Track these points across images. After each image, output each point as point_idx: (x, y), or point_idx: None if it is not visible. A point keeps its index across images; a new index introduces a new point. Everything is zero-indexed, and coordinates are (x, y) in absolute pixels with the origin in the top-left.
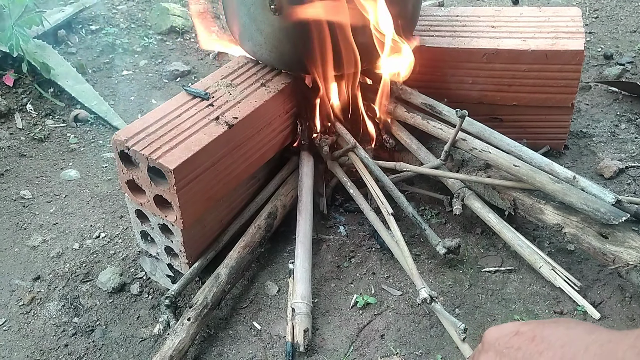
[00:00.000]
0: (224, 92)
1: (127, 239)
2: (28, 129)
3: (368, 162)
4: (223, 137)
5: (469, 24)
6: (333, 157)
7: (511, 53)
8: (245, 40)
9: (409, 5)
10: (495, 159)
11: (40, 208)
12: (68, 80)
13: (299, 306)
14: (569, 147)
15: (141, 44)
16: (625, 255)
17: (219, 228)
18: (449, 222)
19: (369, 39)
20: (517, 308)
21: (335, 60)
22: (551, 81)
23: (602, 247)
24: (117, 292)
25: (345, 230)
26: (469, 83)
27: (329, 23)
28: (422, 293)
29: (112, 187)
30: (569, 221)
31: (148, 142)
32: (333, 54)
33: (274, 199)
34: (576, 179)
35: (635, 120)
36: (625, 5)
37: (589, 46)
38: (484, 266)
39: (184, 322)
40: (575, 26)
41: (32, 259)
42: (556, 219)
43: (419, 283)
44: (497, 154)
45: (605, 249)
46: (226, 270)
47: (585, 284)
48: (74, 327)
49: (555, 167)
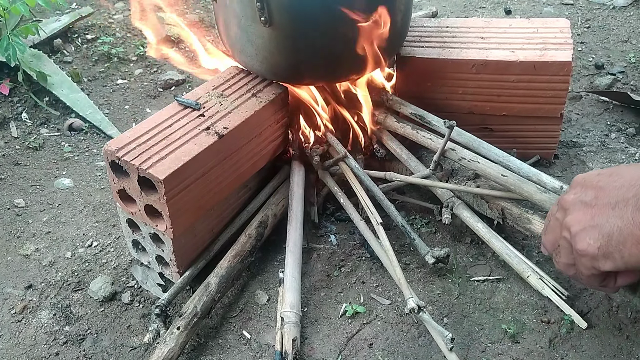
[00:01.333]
0: (215, 103)
1: (119, 247)
2: (23, 137)
3: (358, 171)
4: (213, 147)
5: (459, 35)
6: (324, 167)
7: (500, 64)
8: (236, 51)
9: (398, 17)
10: (484, 169)
11: (34, 217)
12: (63, 89)
13: (288, 315)
14: (559, 157)
15: (136, 53)
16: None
17: (209, 237)
18: (439, 231)
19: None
20: (505, 317)
21: (326, 70)
22: (540, 92)
23: None
24: (108, 300)
25: (336, 239)
26: (459, 93)
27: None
28: (410, 303)
29: (106, 195)
30: None
31: (138, 153)
32: (323, 64)
33: (264, 208)
34: (563, 189)
35: (626, 130)
36: (617, 15)
37: (580, 56)
38: (473, 275)
39: (174, 331)
40: (563, 37)
41: (25, 267)
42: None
43: (407, 293)
44: (486, 164)
45: None
46: (216, 280)
47: (572, 293)
48: (65, 335)
49: (543, 177)
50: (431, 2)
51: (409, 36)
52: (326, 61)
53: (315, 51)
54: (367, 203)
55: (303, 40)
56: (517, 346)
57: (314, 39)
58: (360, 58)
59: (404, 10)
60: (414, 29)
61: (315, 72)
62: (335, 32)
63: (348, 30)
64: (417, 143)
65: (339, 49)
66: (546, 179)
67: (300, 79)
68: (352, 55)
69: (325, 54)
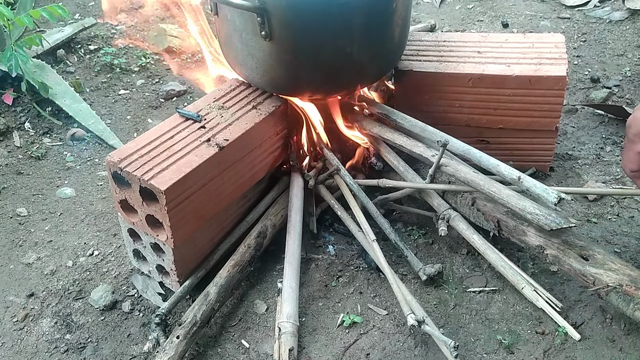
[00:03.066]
0: (215, 115)
1: (119, 257)
2: (26, 147)
3: (352, 186)
4: (214, 158)
5: (456, 49)
6: (318, 182)
7: (496, 78)
8: (237, 64)
9: (395, 31)
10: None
11: (36, 225)
12: (66, 99)
13: (285, 325)
14: (554, 169)
15: (138, 64)
16: (605, 278)
17: (209, 247)
18: (436, 243)
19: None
20: (500, 328)
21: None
22: (535, 105)
23: (582, 269)
24: (109, 309)
25: (334, 250)
26: (456, 106)
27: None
28: (409, 320)
29: (107, 205)
30: (550, 243)
31: (140, 164)
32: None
33: (264, 218)
34: (521, 179)
35: (621, 143)
36: (613, 29)
37: (576, 69)
38: (469, 286)
39: (173, 340)
40: (558, 52)
41: (27, 276)
42: (538, 240)
43: (406, 309)
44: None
45: (585, 270)
46: (216, 289)
47: (567, 305)
48: (66, 344)
49: (501, 169)
50: (430, 16)
51: (407, 50)
52: (325, 74)
53: (315, 65)
54: (361, 220)
55: (303, 54)
56: (512, 357)
57: (314, 53)
58: (358, 71)
59: (402, 25)
60: (411, 43)
61: (314, 85)
62: (335, 46)
63: (347, 45)
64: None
65: (338, 63)
66: (504, 170)
67: (300, 92)
68: (351, 68)
69: (325, 67)
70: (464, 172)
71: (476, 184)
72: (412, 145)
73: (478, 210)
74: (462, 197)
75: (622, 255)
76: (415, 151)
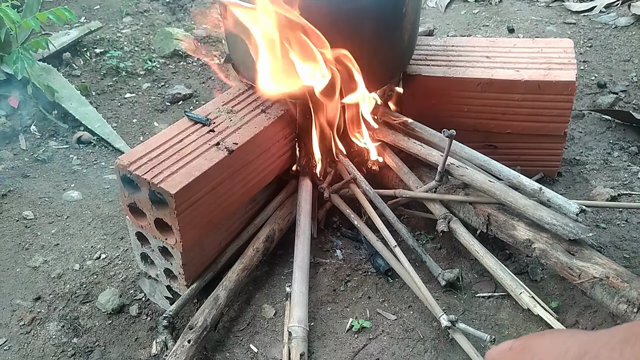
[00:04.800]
0: (224, 118)
1: (127, 260)
2: (32, 150)
3: (370, 194)
4: (223, 162)
5: (464, 54)
6: (333, 191)
7: (504, 83)
8: (245, 69)
9: (405, 36)
10: (471, 175)
11: (42, 229)
12: (72, 103)
13: (296, 330)
14: (562, 175)
15: (144, 67)
16: (592, 270)
17: (217, 251)
18: (444, 247)
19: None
20: (510, 334)
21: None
22: (544, 110)
23: (569, 262)
24: (116, 313)
25: (342, 254)
26: (464, 111)
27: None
28: (443, 321)
29: (114, 208)
30: (539, 237)
31: (150, 167)
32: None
33: (271, 221)
34: (542, 190)
35: (628, 149)
36: (619, 34)
37: (582, 75)
38: (478, 291)
39: (184, 344)
40: (567, 57)
41: (33, 279)
42: (527, 234)
43: (438, 311)
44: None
45: (572, 263)
46: (225, 293)
47: (577, 311)
48: (73, 347)
49: (523, 180)
50: (435, 20)
51: (415, 55)
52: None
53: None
54: (381, 227)
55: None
56: None
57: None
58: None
59: (411, 30)
60: (420, 48)
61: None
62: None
63: (355, 49)
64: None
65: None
66: (525, 182)
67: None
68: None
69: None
70: (480, 181)
71: (492, 193)
72: (427, 153)
73: (470, 204)
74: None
75: (632, 261)
76: (430, 160)
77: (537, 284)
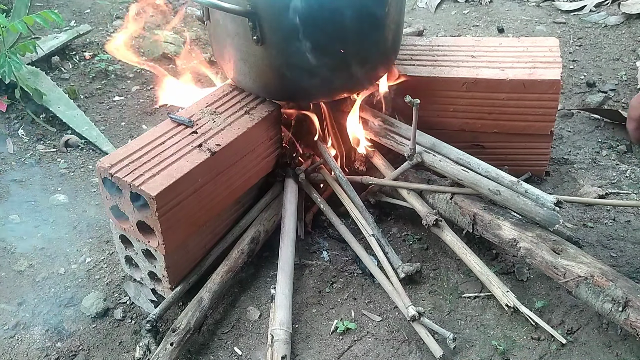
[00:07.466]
0: (208, 120)
1: (112, 263)
2: (19, 153)
3: (341, 179)
4: (205, 164)
5: (450, 54)
6: (308, 178)
7: (490, 82)
8: (230, 69)
9: (389, 36)
10: (444, 166)
11: (28, 232)
12: (60, 106)
13: (278, 333)
14: (550, 174)
15: (133, 70)
16: (577, 269)
17: (202, 253)
18: (431, 248)
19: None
20: (496, 334)
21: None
22: (530, 109)
23: (554, 261)
24: (101, 317)
25: (329, 255)
26: (450, 111)
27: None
28: (411, 310)
29: (100, 211)
30: (524, 236)
31: (131, 169)
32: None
33: (256, 223)
34: (519, 182)
35: (616, 147)
36: (609, 33)
37: (571, 74)
38: (464, 292)
39: (167, 347)
40: (552, 56)
41: (18, 283)
42: (512, 234)
43: (406, 301)
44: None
45: (557, 262)
46: (209, 295)
47: (563, 310)
48: (57, 352)
49: (501, 173)
50: (425, 21)
51: (400, 54)
52: (317, 79)
53: (307, 69)
54: (356, 215)
55: (295, 59)
56: None
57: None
58: (351, 76)
59: (395, 29)
60: (405, 48)
61: (306, 90)
62: (326, 50)
63: (339, 49)
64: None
65: (330, 68)
66: (503, 174)
67: (292, 96)
68: (343, 73)
69: (317, 72)
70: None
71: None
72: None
73: (456, 204)
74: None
75: (619, 260)
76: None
77: (523, 284)
